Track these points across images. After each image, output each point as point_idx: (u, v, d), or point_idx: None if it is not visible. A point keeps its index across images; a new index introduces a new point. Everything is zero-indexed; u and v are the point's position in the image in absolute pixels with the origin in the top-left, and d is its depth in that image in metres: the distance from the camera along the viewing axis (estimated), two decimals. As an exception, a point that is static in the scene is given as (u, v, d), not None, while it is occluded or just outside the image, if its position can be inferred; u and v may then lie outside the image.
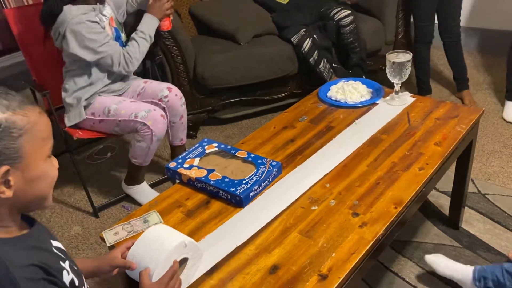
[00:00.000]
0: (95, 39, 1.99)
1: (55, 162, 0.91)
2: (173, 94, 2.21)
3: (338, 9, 2.77)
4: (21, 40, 2.33)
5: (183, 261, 1.10)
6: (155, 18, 2.14)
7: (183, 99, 2.25)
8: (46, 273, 0.85)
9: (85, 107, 2.14)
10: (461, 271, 1.60)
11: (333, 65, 2.73)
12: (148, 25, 2.13)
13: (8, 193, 0.82)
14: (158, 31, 2.23)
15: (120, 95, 2.23)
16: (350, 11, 2.76)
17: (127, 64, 2.08)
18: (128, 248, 1.09)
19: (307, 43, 2.67)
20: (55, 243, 0.94)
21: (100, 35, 2.00)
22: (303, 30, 2.70)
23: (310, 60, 2.69)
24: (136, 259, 1.06)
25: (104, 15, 2.10)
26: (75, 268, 0.96)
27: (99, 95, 2.15)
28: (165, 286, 1.01)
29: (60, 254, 0.93)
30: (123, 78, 2.24)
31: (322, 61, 2.69)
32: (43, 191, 0.89)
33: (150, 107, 2.09)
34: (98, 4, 2.09)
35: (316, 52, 2.68)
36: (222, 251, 1.23)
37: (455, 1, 2.65)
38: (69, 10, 1.97)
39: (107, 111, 2.11)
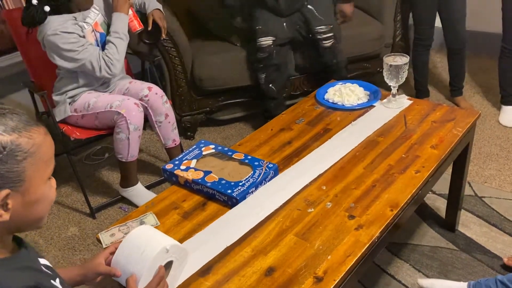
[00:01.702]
0: (71, 48, 2.04)
1: (53, 183, 0.89)
2: (153, 93, 2.23)
3: (323, 30, 2.60)
4: (19, 41, 2.33)
5: (168, 263, 1.09)
6: (122, 14, 2.15)
7: (165, 97, 2.27)
8: None
9: (70, 104, 2.22)
10: (456, 287, 1.60)
11: (270, 85, 2.66)
12: (118, 23, 2.14)
13: (5, 216, 0.80)
14: (132, 34, 2.24)
15: None
16: (332, 37, 2.61)
17: (109, 67, 2.10)
18: (112, 253, 1.08)
19: (265, 55, 2.58)
20: (42, 261, 0.92)
21: (76, 44, 2.04)
22: (272, 39, 2.57)
23: (255, 65, 2.64)
24: (120, 267, 1.04)
25: (86, 22, 2.11)
26: (66, 285, 0.94)
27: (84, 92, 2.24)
28: None
29: (49, 272, 0.91)
30: (109, 79, 2.28)
31: (264, 74, 2.64)
32: (41, 214, 0.87)
33: (124, 97, 2.14)
34: (80, 11, 2.11)
35: (263, 64, 2.61)
36: (212, 250, 1.23)
37: (456, 4, 2.64)
38: (47, 21, 2.02)
39: (87, 105, 2.18)
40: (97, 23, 2.17)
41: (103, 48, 2.15)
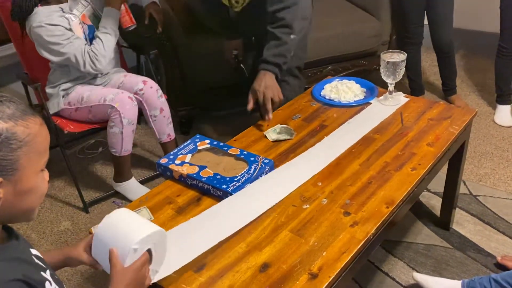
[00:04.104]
0: (56, 41, 2.02)
1: (46, 175, 0.88)
2: (148, 87, 2.21)
3: None
4: (13, 33, 2.31)
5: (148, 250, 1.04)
6: (113, 9, 2.12)
7: (160, 91, 2.25)
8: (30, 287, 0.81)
9: (63, 97, 2.19)
10: (450, 285, 1.60)
11: None
12: (108, 18, 2.11)
13: None
14: (123, 30, 2.21)
15: None
16: None
17: (93, 62, 2.08)
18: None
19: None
20: (33, 251, 0.91)
21: (61, 37, 2.02)
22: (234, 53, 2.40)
23: None
24: (99, 260, 1.03)
25: (73, 14, 2.09)
26: (56, 276, 0.93)
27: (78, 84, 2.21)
28: (137, 271, 0.98)
29: (40, 263, 0.90)
30: (102, 73, 2.25)
31: None
32: (31, 205, 0.86)
33: (118, 91, 2.12)
34: (68, 1, 2.09)
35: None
36: (205, 243, 1.20)
37: (441, 9, 2.62)
38: (34, 12, 2.00)
39: (80, 98, 2.15)
40: (84, 15, 2.14)
41: (91, 41, 2.12)
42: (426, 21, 2.75)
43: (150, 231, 1.01)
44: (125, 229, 1.01)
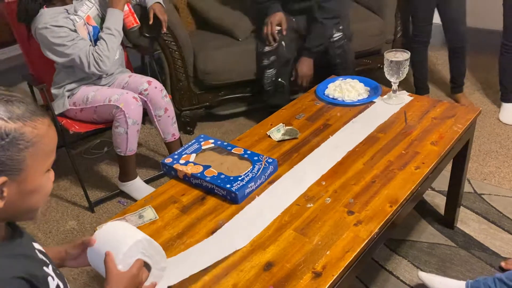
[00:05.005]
0: (61, 43, 2.03)
1: (52, 176, 0.88)
2: (152, 87, 2.21)
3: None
4: (18, 34, 2.33)
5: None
6: (117, 10, 2.13)
7: (165, 91, 2.26)
8: (32, 286, 0.81)
9: (68, 97, 2.21)
10: (455, 286, 1.60)
11: (279, 79, 2.67)
12: (112, 19, 2.13)
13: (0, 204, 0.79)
14: (127, 30, 2.23)
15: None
16: (341, 35, 2.62)
17: (98, 63, 2.09)
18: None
19: (271, 47, 2.59)
20: (36, 246, 0.92)
21: (65, 38, 2.04)
22: (277, 29, 2.55)
23: (264, 60, 2.63)
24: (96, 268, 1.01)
25: (78, 15, 2.10)
26: (58, 271, 0.93)
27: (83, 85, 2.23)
28: (134, 277, 0.95)
29: (43, 258, 0.90)
30: (106, 74, 2.26)
31: (272, 69, 2.64)
32: (35, 205, 0.86)
33: (123, 91, 2.13)
34: (73, 2, 2.11)
35: (273, 57, 2.61)
36: (220, 253, 1.21)
37: (454, 3, 2.62)
38: (40, 14, 2.02)
39: (85, 99, 2.17)
40: (89, 16, 2.15)
41: (95, 42, 2.14)
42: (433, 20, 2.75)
43: (125, 249, 0.96)
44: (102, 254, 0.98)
